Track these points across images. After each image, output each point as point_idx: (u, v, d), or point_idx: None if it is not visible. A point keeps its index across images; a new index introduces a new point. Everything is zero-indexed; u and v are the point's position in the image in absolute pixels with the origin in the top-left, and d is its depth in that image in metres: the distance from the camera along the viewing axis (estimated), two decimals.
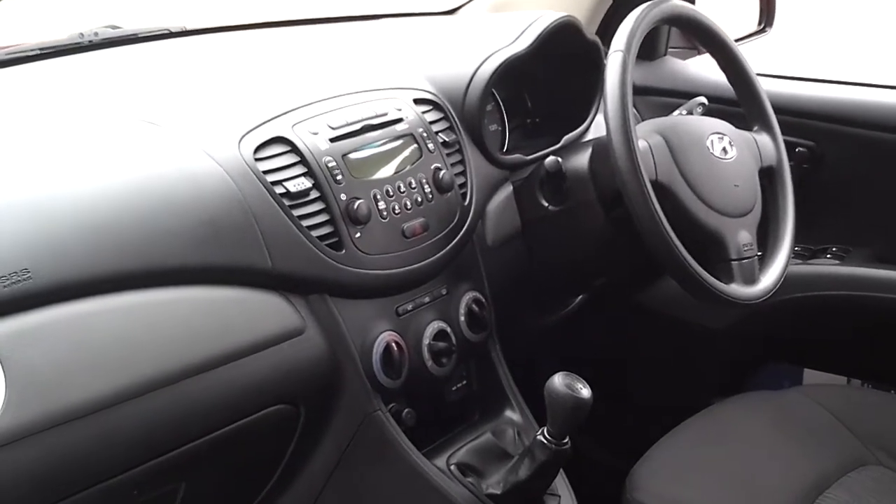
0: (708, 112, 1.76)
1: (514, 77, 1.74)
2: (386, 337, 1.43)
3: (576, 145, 1.73)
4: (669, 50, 2.22)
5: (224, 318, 1.24)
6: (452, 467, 1.51)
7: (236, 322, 1.25)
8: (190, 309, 1.21)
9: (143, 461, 1.15)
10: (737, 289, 1.51)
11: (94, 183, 1.20)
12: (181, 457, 1.19)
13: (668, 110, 1.85)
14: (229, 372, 1.22)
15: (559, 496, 1.48)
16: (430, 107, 1.59)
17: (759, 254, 1.59)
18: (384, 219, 1.43)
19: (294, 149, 1.38)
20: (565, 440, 1.37)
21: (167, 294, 1.19)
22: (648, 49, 2.16)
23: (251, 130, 1.36)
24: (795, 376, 2.09)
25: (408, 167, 1.49)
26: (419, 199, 1.49)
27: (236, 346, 1.23)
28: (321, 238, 1.36)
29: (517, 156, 1.72)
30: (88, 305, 1.11)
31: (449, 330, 1.53)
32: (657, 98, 2.12)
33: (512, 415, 1.62)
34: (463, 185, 1.58)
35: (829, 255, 1.98)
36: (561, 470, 1.47)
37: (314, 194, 1.37)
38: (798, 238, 1.66)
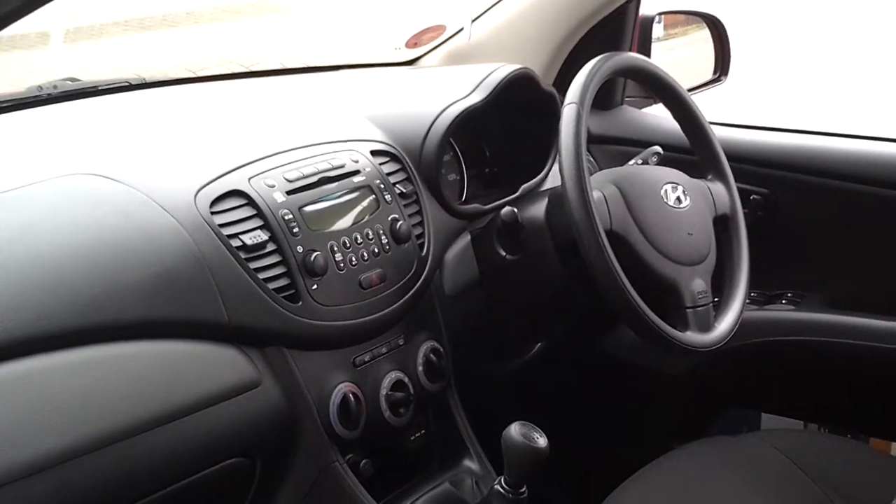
0: (663, 161, 1.78)
1: (471, 127, 1.76)
2: (343, 388, 1.43)
3: (532, 195, 1.75)
4: (626, 99, 2.25)
5: (179, 371, 1.24)
6: None
7: (191, 375, 1.25)
8: (144, 363, 1.20)
9: None
10: (692, 336, 1.53)
11: (48, 238, 1.20)
12: None
13: (625, 159, 1.87)
14: (184, 426, 1.21)
15: None
16: (388, 158, 1.61)
17: (716, 300, 1.61)
18: (341, 270, 1.44)
19: (250, 202, 1.38)
20: (522, 490, 1.37)
21: (121, 349, 1.18)
22: (605, 98, 2.18)
23: (207, 184, 1.37)
24: (753, 421, 2.10)
25: (365, 218, 1.50)
26: (376, 250, 1.50)
27: (191, 399, 1.23)
28: (278, 290, 1.36)
29: (475, 205, 1.73)
30: (40, 362, 1.11)
31: (406, 380, 1.54)
32: (614, 147, 2.14)
33: (470, 464, 1.63)
34: (420, 236, 1.60)
35: (783, 301, 1.99)
36: None
37: (271, 247, 1.37)
38: (753, 284, 1.68)
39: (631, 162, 1.81)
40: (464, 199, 1.82)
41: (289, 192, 1.43)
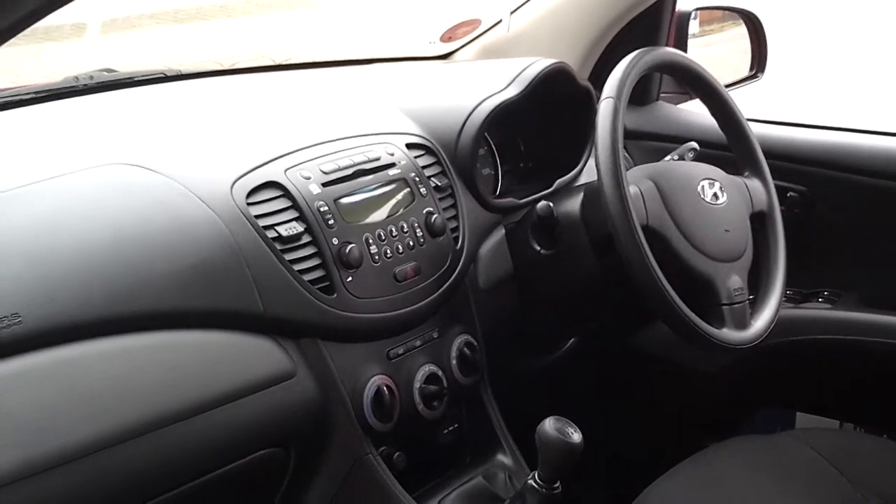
0: (699, 157, 1.77)
1: (506, 122, 1.75)
2: (377, 380, 1.43)
3: (567, 190, 1.74)
4: (661, 95, 2.23)
5: (214, 361, 1.24)
6: None
7: (226, 366, 1.25)
8: (179, 353, 1.21)
9: None
10: (728, 333, 1.51)
11: (85, 227, 1.20)
12: (169, 502, 1.19)
13: (660, 155, 1.86)
14: (219, 416, 1.22)
15: None
16: (423, 151, 1.60)
17: (751, 297, 1.59)
18: (376, 263, 1.44)
19: (286, 193, 1.38)
20: (556, 485, 1.36)
21: (157, 338, 1.19)
22: (640, 94, 2.17)
23: (243, 175, 1.37)
24: (788, 420, 2.08)
25: (400, 211, 1.50)
26: (411, 243, 1.49)
27: (226, 389, 1.24)
28: (313, 282, 1.36)
29: (509, 200, 1.73)
30: (77, 350, 1.11)
31: (440, 373, 1.53)
32: (649, 142, 2.13)
33: (503, 458, 1.62)
34: (455, 229, 1.59)
35: (820, 300, 1.98)
36: None
37: (306, 238, 1.37)
38: (789, 282, 1.66)
39: (667, 158, 1.80)
40: (498, 193, 1.81)
41: (324, 184, 1.43)
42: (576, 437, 1.33)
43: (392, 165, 1.53)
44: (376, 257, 1.44)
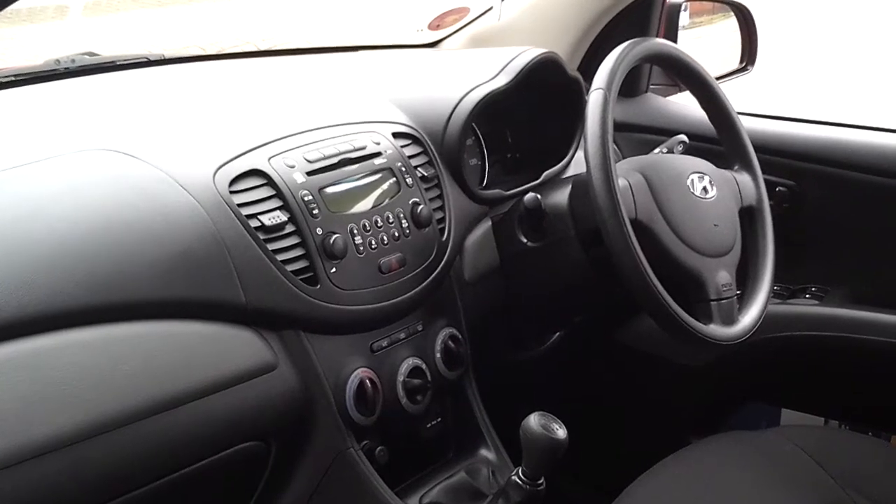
0: (689, 150, 1.76)
1: (494, 112, 1.73)
2: (360, 373, 1.42)
3: (555, 182, 1.72)
4: (651, 86, 2.22)
5: (195, 353, 1.22)
6: None
7: (207, 357, 1.23)
8: (160, 344, 1.19)
9: (109, 499, 1.13)
10: (715, 329, 1.50)
11: (64, 214, 1.18)
12: (148, 495, 1.17)
13: (649, 147, 1.85)
14: (199, 408, 1.20)
15: None
16: (409, 141, 1.58)
17: (739, 293, 1.58)
18: (361, 254, 1.42)
19: (270, 182, 1.36)
20: (540, 481, 1.35)
21: (137, 328, 1.17)
22: (630, 86, 2.16)
23: (227, 163, 1.35)
24: (773, 416, 2.08)
25: (385, 202, 1.48)
26: (396, 234, 1.47)
27: (207, 381, 1.22)
28: (296, 273, 1.34)
29: (496, 191, 1.71)
30: (56, 340, 1.09)
31: (424, 367, 1.52)
32: (638, 135, 2.11)
33: (487, 453, 1.61)
34: (441, 220, 1.57)
35: (807, 296, 1.97)
36: None
37: (290, 228, 1.35)
38: (777, 278, 1.65)
39: (656, 150, 1.79)
40: (485, 184, 1.79)
41: (309, 173, 1.41)
42: (560, 433, 1.32)
43: (378, 155, 1.51)
44: (361, 248, 1.42)
